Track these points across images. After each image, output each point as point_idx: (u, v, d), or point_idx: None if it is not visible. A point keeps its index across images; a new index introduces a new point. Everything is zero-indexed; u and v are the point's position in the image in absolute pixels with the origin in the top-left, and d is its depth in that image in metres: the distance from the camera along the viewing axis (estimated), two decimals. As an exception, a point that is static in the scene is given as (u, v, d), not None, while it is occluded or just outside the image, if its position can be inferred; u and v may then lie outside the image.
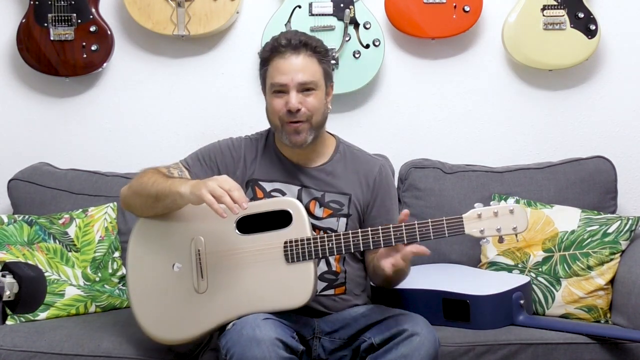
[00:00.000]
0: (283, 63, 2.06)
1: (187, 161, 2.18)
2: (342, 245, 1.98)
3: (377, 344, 1.96)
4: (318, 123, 2.09)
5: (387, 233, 1.95)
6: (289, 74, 2.05)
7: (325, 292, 2.12)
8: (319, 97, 2.08)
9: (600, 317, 2.43)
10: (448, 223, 1.94)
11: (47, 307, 2.43)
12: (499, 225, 1.92)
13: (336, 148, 2.21)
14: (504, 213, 1.92)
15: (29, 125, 3.05)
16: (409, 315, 2.00)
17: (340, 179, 2.17)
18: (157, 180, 2.01)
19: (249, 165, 2.17)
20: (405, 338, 1.91)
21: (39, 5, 2.88)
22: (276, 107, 2.07)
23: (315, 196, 2.14)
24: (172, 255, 2.05)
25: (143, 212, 2.08)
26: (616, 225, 2.48)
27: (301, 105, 2.05)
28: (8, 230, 2.49)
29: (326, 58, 2.12)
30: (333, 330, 2.08)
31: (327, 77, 2.13)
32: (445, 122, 3.02)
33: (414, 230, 1.94)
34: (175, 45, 3.01)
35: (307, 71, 2.06)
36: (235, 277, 2.00)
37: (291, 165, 2.16)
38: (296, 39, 2.06)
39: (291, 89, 2.05)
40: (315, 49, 2.08)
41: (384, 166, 2.25)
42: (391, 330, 1.95)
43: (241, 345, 1.83)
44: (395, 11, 2.88)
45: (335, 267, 2.14)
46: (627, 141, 2.99)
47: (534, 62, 2.89)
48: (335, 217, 2.14)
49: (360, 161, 2.21)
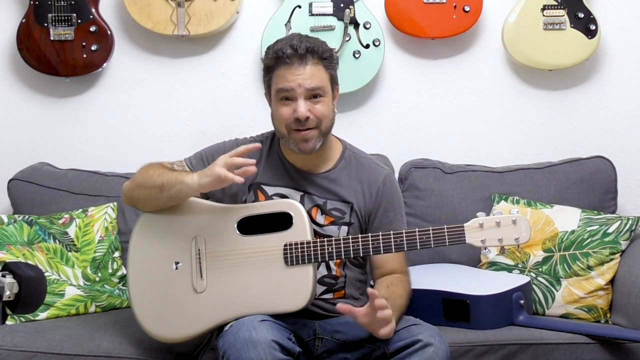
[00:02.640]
0: (290, 73, 2.01)
1: (191, 161, 2.18)
2: (341, 250, 1.97)
3: (390, 353, 1.95)
4: (327, 129, 2.07)
5: (388, 240, 1.95)
6: (296, 81, 2.01)
7: (324, 295, 2.12)
8: (327, 104, 2.05)
9: (600, 317, 2.43)
10: (449, 232, 1.93)
11: (47, 307, 2.43)
12: (501, 235, 1.90)
13: (342, 154, 2.18)
14: (506, 224, 1.90)
15: (29, 125, 3.05)
16: (421, 325, 1.98)
17: (343, 187, 2.14)
18: (163, 173, 2.03)
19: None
20: (419, 348, 1.90)
21: (39, 5, 2.88)
22: (283, 114, 2.04)
23: (317, 203, 2.12)
24: (173, 253, 2.06)
25: (146, 204, 2.08)
26: (616, 225, 2.48)
27: (310, 113, 2.01)
28: (8, 230, 2.49)
29: (332, 63, 2.08)
30: (336, 331, 2.06)
31: (333, 82, 2.10)
32: (445, 122, 3.02)
33: (415, 237, 1.94)
34: (175, 45, 3.01)
35: (315, 78, 2.02)
36: (235, 277, 2.00)
37: (295, 172, 2.14)
38: (302, 47, 2.01)
39: (299, 96, 2.01)
40: (322, 55, 2.04)
41: (390, 176, 2.20)
42: (405, 340, 1.93)
43: (237, 347, 1.83)
44: (395, 11, 2.88)
45: (335, 271, 2.13)
46: (627, 141, 2.99)
47: (534, 62, 2.89)
48: (337, 225, 2.12)
49: (365, 169, 2.18)
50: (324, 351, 2.06)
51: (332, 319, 2.10)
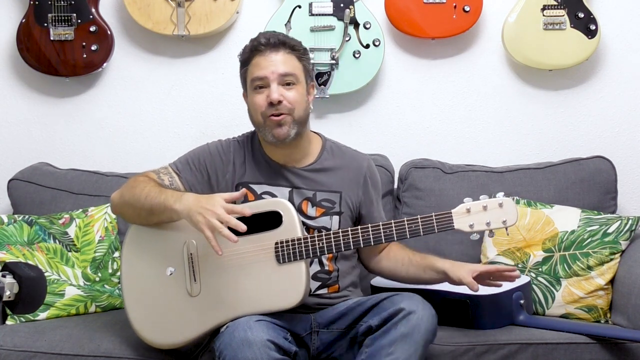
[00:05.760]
0: (263, 60, 2.08)
1: (177, 166, 2.18)
2: (332, 244, 1.99)
3: (375, 326, 1.95)
4: (300, 118, 2.10)
5: (377, 231, 1.99)
6: (269, 68, 2.07)
7: (319, 291, 2.13)
8: (300, 92, 2.10)
9: (600, 317, 2.43)
10: (437, 219, 1.97)
11: (47, 307, 2.43)
12: (489, 219, 1.93)
13: (323, 146, 2.22)
14: (493, 207, 1.93)
15: (29, 125, 3.05)
16: (403, 295, 1.99)
17: (330, 177, 2.17)
18: (150, 194, 2.00)
19: (238, 168, 2.17)
20: (403, 317, 1.91)
21: (39, 5, 2.88)
22: (258, 102, 2.08)
23: (306, 196, 2.14)
24: (165, 259, 2.06)
25: (135, 221, 2.10)
26: (616, 225, 2.48)
27: (282, 98, 2.06)
28: (8, 230, 2.49)
29: (305, 56, 2.14)
30: (330, 322, 2.08)
31: (307, 75, 2.15)
32: (445, 122, 3.02)
33: (404, 227, 1.97)
34: (175, 45, 3.01)
35: (287, 65, 2.09)
36: (228, 279, 2.00)
37: (279, 167, 2.16)
38: (275, 37, 2.10)
39: (272, 82, 2.07)
40: (294, 47, 2.11)
41: (370, 161, 2.27)
42: (388, 310, 1.94)
43: (233, 347, 1.84)
44: (395, 11, 2.88)
45: (328, 266, 2.15)
46: (627, 141, 2.99)
47: (534, 62, 2.89)
48: (328, 215, 2.15)
49: (348, 158, 2.23)
50: (320, 344, 2.08)
51: (327, 309, 2.11)
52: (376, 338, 1.93)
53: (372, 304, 2.02)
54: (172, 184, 2.12)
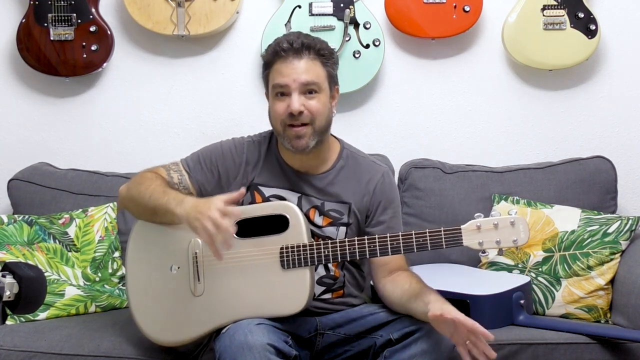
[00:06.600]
0: (285, 66, 1.99)
1: (188, 163, 2.13)
2: (337, 252, 1.96)
3: (395, 339, 1.95)
4: (321, 128, 2.03)
5: (384, 242, 1.94)
6: (291, 76, 1.99)
7: (324, 295, 2.11)
8: (323, 101, 2.02)
9: (600, 317, 2.43)
10: (446, 234, 1.90)
11: (47, 307, 2.43)
12: (499, 237, 1.86)
13: (339, 154, 2.15)
14: (504, 225, 1.86)
15: (29, 125, 3.05)
16: None
17: (340, 187, 2.12)
18: (154, 193, 1.97)
19: (251, 170, 2.12)
20: (425, 334, 1.91)
21: (39, 5, 2.88)
22: (278, 110, 2.01)
23: (315, 204, 2.10)
24: (169, 257, 2.05)
25: (140, 217, 2.09)
26: (616, 225, 2.48)
27: (303, 108, 1.99)
28: (8, 230, 2.49)
29: (330, 61, 2.05)
30: (337, 325, 2.07)
31: (331, 80, 2.06)
32: (445, 122, 3.02)
33: (411, 240, 1.92)
34: (175, 45, 3.01)
35: (310, 73, 1.99)
36: (232, 281, 1.99)
37: (293, 173, 2.12)
38: (298, 42, 2.00)
39: (293, 91, 1.99)
40: (319, 51, 2.02)
41: (387, 173, 2.18)
42: (410, 326, 1.94)
43: (232, 350, 1.83)
44: (395, 11, 2.88)
45: (334, 272, 2.12)
46: (627, 141, 2.99)
47: (534, 62, 2.89)
48: (335, 226, 2.10)
49: (363, 168, 2.15)
50: (325, 346, 2.06)
51: (333, 314, 2.10)
52: (396, 351, 1.93)
53: (391, 317, 2.00)
54: (182, 182, 2.09)
